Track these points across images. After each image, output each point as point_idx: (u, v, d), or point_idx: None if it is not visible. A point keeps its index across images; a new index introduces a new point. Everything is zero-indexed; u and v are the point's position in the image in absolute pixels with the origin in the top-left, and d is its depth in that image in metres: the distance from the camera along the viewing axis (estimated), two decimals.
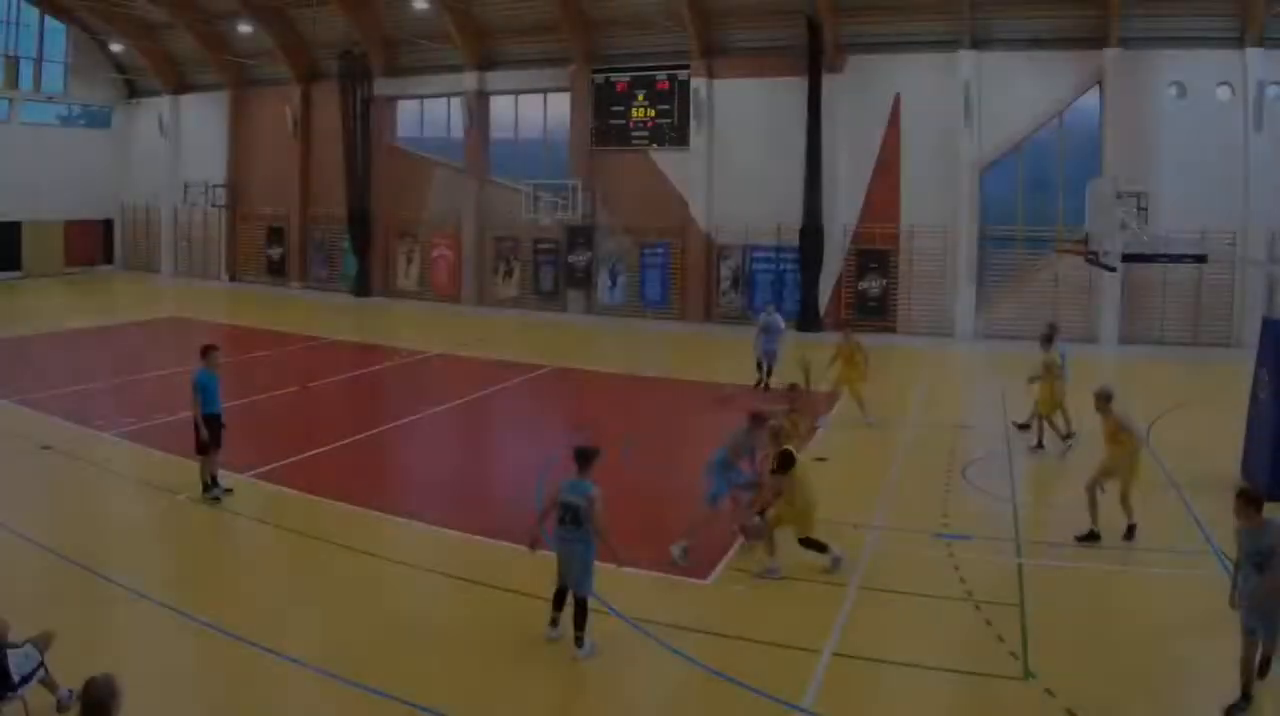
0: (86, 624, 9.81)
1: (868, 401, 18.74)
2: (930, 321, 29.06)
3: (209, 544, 12.68)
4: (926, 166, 28.97)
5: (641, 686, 9.18)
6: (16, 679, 7.90)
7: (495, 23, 35.18)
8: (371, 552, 12.13)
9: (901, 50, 29.28)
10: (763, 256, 31.35)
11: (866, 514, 13.38)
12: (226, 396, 14.68)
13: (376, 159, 38.75)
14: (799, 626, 9.97)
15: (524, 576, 10.79)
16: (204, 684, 9.07)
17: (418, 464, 17.19)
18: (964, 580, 11.12)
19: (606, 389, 23.17)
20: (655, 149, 33.18)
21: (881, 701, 8.92)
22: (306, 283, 41.33)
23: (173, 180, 45.11)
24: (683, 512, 12.89)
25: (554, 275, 35.33)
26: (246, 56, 41.76)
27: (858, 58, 29.71)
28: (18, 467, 15.81)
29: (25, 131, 43.74)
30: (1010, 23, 27.75)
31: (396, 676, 8.88)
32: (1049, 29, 27.39)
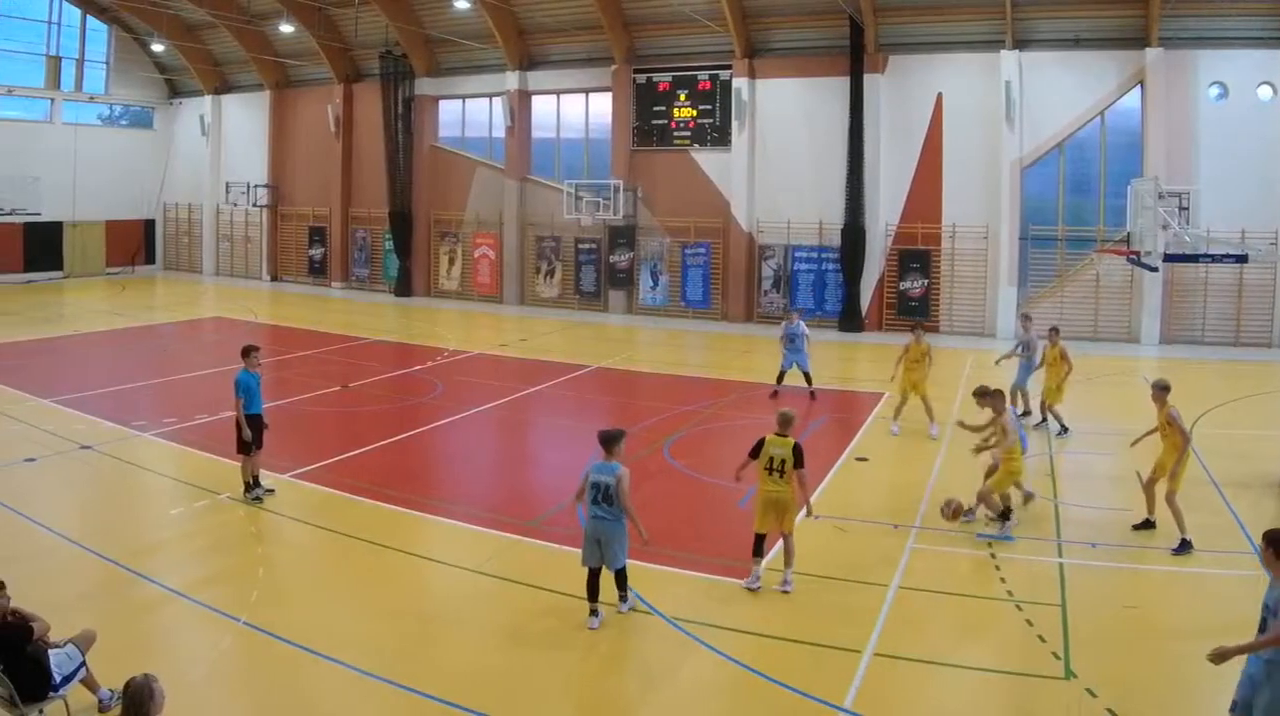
0: (127, 624, 10.33)
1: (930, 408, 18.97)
2: (971, 321, 30.44)
3: (249, 543, 13.01)
4: (968, 166, 30.41)
5: (682, 686, 9.43)
6: (58, 679, 8.23)
7: (537, 22, 37.00)
8: (411, 552, 12.73)
9: (943, 50, 30.71)
10: (804, 256, 32.86)
11: (908, 514, 14.00)
12: (268, 396, 15.91)
13: (418, 159, 40.77)
14: (840, 626, 10.34)
15: (563, 576, 11.38)
16: (244, 683, 9.46)
17: (458, 464, 17.70)
18: (1005, 580, 11.57)
19: (648, 389, 24.13)
20: (697, 149, 34.84)
21: (923, 702, 9.11)
22: (348, 283, 43.48)
23: (214, 180, 47.66)
24: (725, 512, 13.92)
25: (595, 275, 37.07)
26: (288, 57, 44.01)
27: (899, 58, 31.13)
28: (58, 467, 16.32)
29: (67, 131, 46.05)
30: (1052, 22, 29.07)
31: (436, 675, 9.29)
32: (1090, 29, 28.67)
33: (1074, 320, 29.03)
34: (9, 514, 13.72)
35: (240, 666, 9.69)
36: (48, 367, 25.13)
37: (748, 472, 11.79)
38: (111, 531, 13.25)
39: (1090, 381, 23.67)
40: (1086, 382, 23.40)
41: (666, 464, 16.76)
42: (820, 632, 10.22)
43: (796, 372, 22.30)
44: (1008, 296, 29.89)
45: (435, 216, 40.82)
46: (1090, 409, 21.13)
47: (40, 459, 16.59)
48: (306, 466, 16.09)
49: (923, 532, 13.21)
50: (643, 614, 10.61)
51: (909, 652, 9.78)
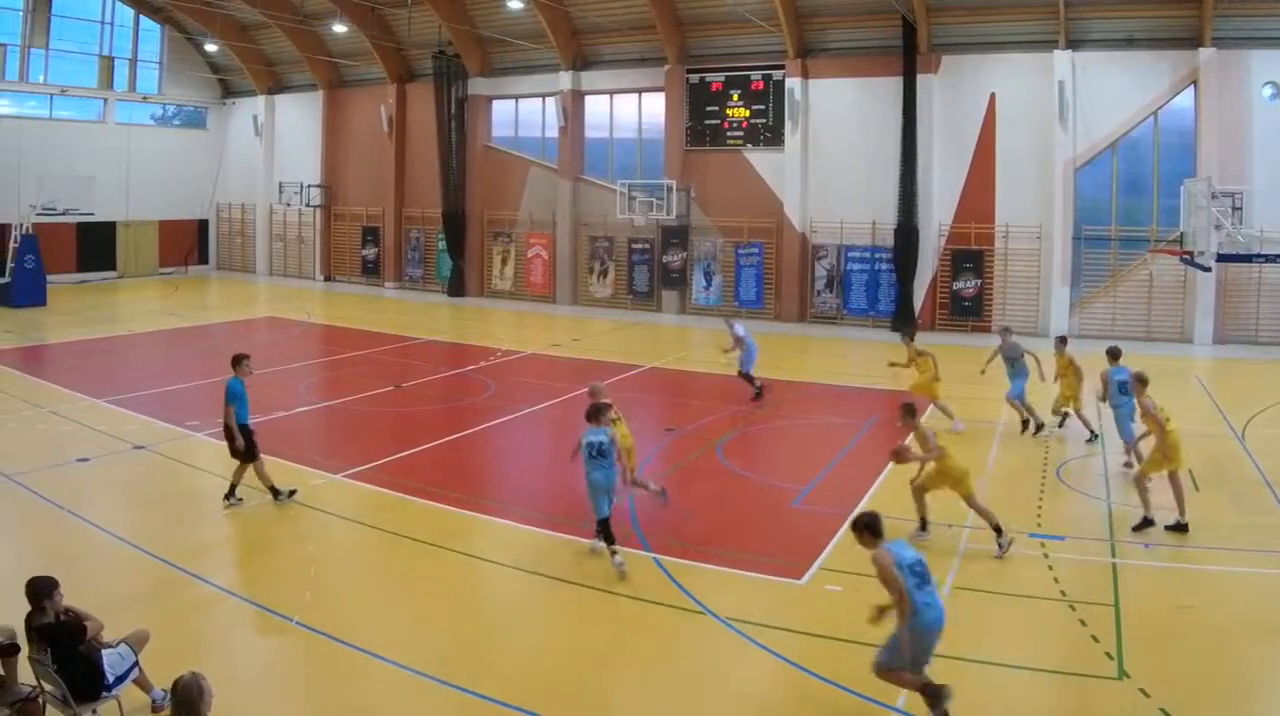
0: (180, 623, 10.89)
1: (950, 406, 20.34)
2: (1024, 321, 31.98)
3: (301, 543, 13.53)
4: (1021, 166, 32.22)
5: (735, 685, 9.90)
6: (111, 679, 8.61)
7: (590, 22, 39.33)
8: (464, 552, 13.39)
9: (996, 50, 32.53)
10: (858, 256, 34.83)
11: (960, 514, 14.37)
12: (322, 395, 17.83)
13: (471, 159, 43.40)
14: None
15: (614, 575, 12.23)
16: (297, 683, 10.00)
17: (511, 464, 18.52)
18: (1058, 580, 12.08)
19: (701, 389, 25.28)
20: (750, 149, 36.97)
21: (975, 702, 9.38)
22: (401, 283, 46.14)
23: (267, 180, 50.74)
24: (778, 513, 14.93)
25: (648, 275, 39.35)
26: (341, 56, 46.79)
27: (952, 58, 32.98)
28: (112, 468, 17.10)
29: (120, 132, 49.24)
30: (1105, 22, 30.77)
31: (489, 676, 9.81)
32: (1143, 28, 30.32)
33: (1127, 320, 30.79)
34: (63, 514, 14.57)
35: (293, 666, 10.27)
36: (101, 368, 26.60)
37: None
38: (164, 531, 13.99)
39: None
40: None
41: (719, 464, 17.77)
42: (874, 632, 10.22)
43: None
44: (1061, 297, 31.61)
45: (489, 216, 43.39)
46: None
47: (94, 459, 17.44)
48: (359, 466, 17.05)
49: (976, 533, 13.76)
50: (696, 614, 11.25)
51: (962, 653, 10.15)
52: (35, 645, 8.51)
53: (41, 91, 46.27)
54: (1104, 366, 18.05)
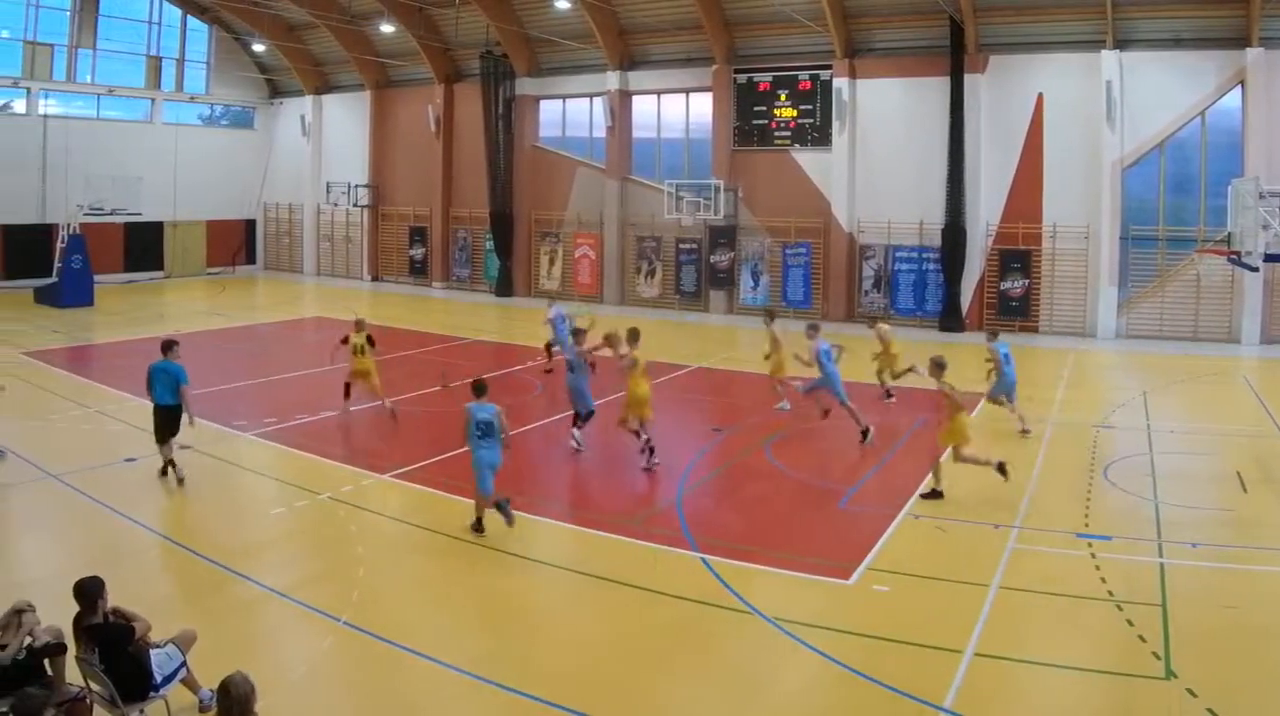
0: (228, 623, 11.28)
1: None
2: (1072, 321, 33.62)
3: (349, 543, 14.03)
4: (1068, 166, 33.75)
5: (783, 686, 10.18)
6: (159, 679, 8.91)
7: (637, 22, 41.30)
8: (511, 552, 13.82)
9: (1043, 50, 34.07)
10: (905, 256, 36.49)
11: (1008, 514, 15.19)
12: (370, 396, 19.41)
13: (518, 159, 45.52)
14: (940, 626, 11.22)
15: (664, 576, 12.71)
16: (345, 683, 10.35)
17: (559, 464, 19.00)
18: (1105, 580, 12.47)
19: (749, 388, 25.92)
20: (797, 149, 38.75)
21: (1023, 702, 9.85)
22: (448, 283, 48.34)
23: (315, 180, 53.26)
24: (826, 512, 15.59)
25: (696, 275, 41.22)
26: (388, 56, 49.14)
27: (1000, 58, 34.54)
28: (158, 468, 17.34)
29: (167, 132, 51.73)
30: (1152, 22, 32.24)
31: (536, 675, 10.20)
32: (1190, 29, 31.72)
33: (1174, 320, 32.28)
34: (110, 514, 15.14)
35: (341, 666, 10.61)
36: (145, 367, 27.85)
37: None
38: (212, 531, 14.56)
39: (1192, 381, 26.55)
40: (1188, 383, 26.37)
41: (768, 464, 18.46)
42: (921, 632, 11.06)
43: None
44: (1108, 297, 33.10)
45: (536, 216, 45.52)
46: (1191, 409, 23.72)
47: (140, 459, 17.94)
48: (407, 466, 17.74)
49: (1023, 532, 14.37)
50: (743, 614, 11.68)
51: (1009, 652, 10.64)
52: (83, 645, 8.84)
53: (89, 91, 48.56)
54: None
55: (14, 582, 11.43)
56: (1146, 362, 29.24)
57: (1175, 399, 24.46)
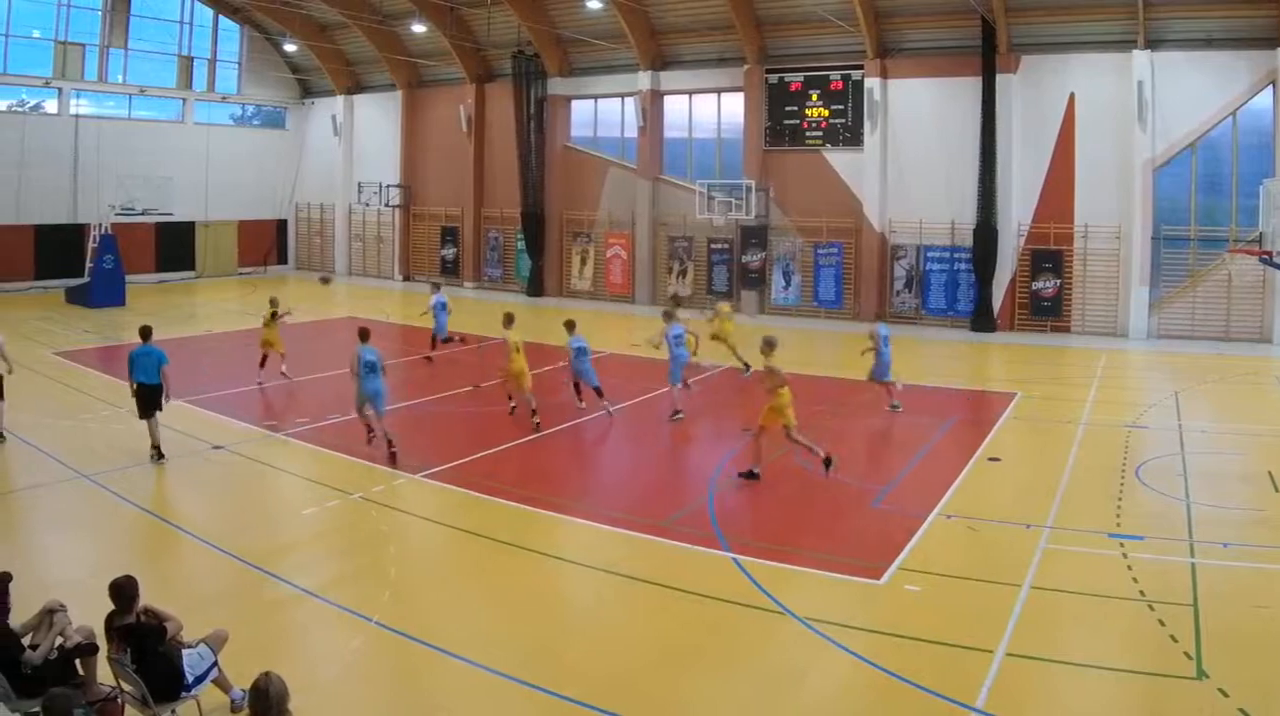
0: (259, 623, 11.55)
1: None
2: (1103, 321, 34.54)
3: (381, 543, 14.39)
4: (1100, 166, 34.69)
5: (815, 686, 10.46)
6: (190, 679, 9.08)
7: (669, 22, 42.54)
8: (543, 552, 14.21)
9: (1075, 50, 35.01)
10: (936, 256, 37.52)
11: (1040, 513, 15.53)
12: (401, 396, 20.53)
13: (550, 159, 46.86)
14: (972, 626, 11.47)
15: (696, 576, 13.03)
16: (376, 683, 10.53)
17: (590, 464, 19.67)
18: (1137, 580, 12.71)
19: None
20: (829, 149, 39.82)
21: (1054, 702, 10.03)
22: (480, 283, 49.58)
23: (346, 180, 54.75)
24: (857, 512, 16.05)
25: (727, 275, 42.35)
26: (420, 56, 50.59)
27: (1031, 57, 35.49)
28: (190, 468, 18.19)
29: (199, 132, 53.33)
30: (1184, 22, 33.11)
31: (569, 676, 10.42)
32: (1222, 29, 32.60)
33: (1206, 320, 33.21)
34: (142, 514, 15.55)
35: (373, 666, 10.84)
36: (179, 368, 26.53)
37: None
38: (244, 531, 14.82)
39: (1223, 382, 27.22)
40: (1219, 383, 27.07)
41: (798, 464, 18.62)
42: (952, 632, 11.31)
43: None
44: (1140, 297, 34.03)
45: (567, 216, 46.85)
46: (1222, 409, 24.30)
47: (172, 459, 18.42)
48: (438, 466, 18.15)
49: (1055, 532, 14.67)
50: (775, 614, 11.94)
51: (1041, 652, 10.85)
52: (115, 645, 9.02)
53: (121, 91, 50.05)
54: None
55: (46, 582, 11.60)
56: (1178, 362, 29.88)
57: (1206, 399, 25.07)
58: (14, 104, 46.88)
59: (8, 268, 45.17)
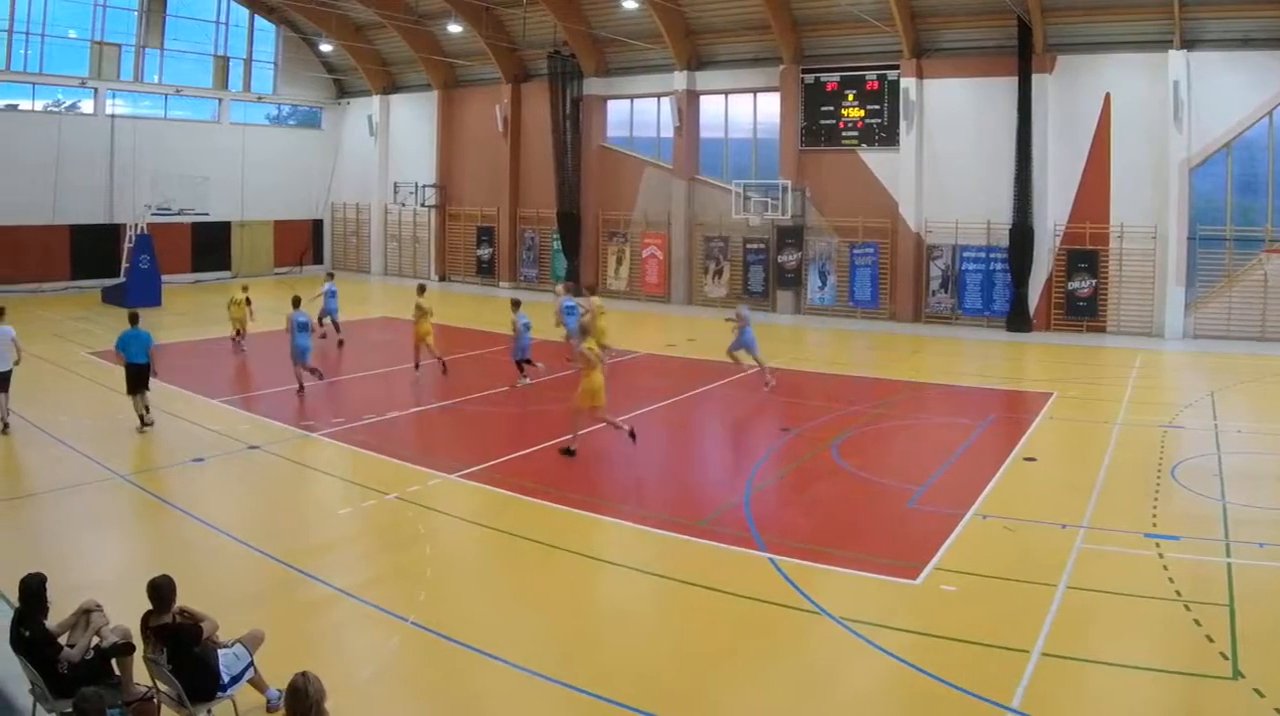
0: (295, 623, 11.77)
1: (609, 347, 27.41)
2: (1139, 322, 35.47)
3: (416, 543, 14.68)
4: (1136, 166, 35.60)
5: (851, 686, 10.67)
6: (226, 679, 9.27)
7: (705, 22, 43.77)
8: (579, 552, 14.47)
9: (1111, 50, 35.95)
10: (972, 256, 38.53)
11: (1075, 514, 15.78)
12: (437, 396, 22.24)
13: (586, 159, 48.28)
14: (1007, 626, 11.67)
15: (732, 576, 13.27)
16: (412, 683, 10.75)
17: (625, 464, 19.61)
18: (1173, 580, 12.92)
19: (816, 388, 27.13)
20: (865, 149, 40.94)
21: (1090, 701, 10.17)
22: (516, 283, 51.09)
23: (382, 180, 56.41)
24: (893, 513, 16.30)
25: (763, 275, 43.60)
26: (456, 56, 52.09)
27: (1067, 57, 36.48)
28: (226, 467, 18.56)
29: (234, 132, 54.86)
30: (1220, 22, 33.98)
31: (604, 676, 10.60)
32: (1259, 28, 33.48)
33: (1242, 320, 34.16)
34: (177, 514, 15.83)
35: (408, 666, 11.04)
36: (215, 367, 29.16)
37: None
38: (279, 531, 15.19)
39: (1260, 381, 27.86)
40: (1255, 382, 27.73)
41: (834, 464, 19.21)
42: (988, 633, 11.51)
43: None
44: (1176, 297, 34.92)
45: (603, 216, 48.28)
46: (1258, 409, 24.83)
47: (208, 459, 18.94)
48: (474, 466, 18.49)
49: (1091, 533, 14.92)
50: (811, 614, 12.17)
51: (1077, 652, 11.02)
52: (151, 645, 9.22)
53: (156, 91, 51.60)
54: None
55: (82, 583, 11.78)
56: (1214, 362, 30.57)
57: (1243, 399, 25.57)
58: (50, 104, 48.17)
59: (44, 268, 46.36)
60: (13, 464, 19.19)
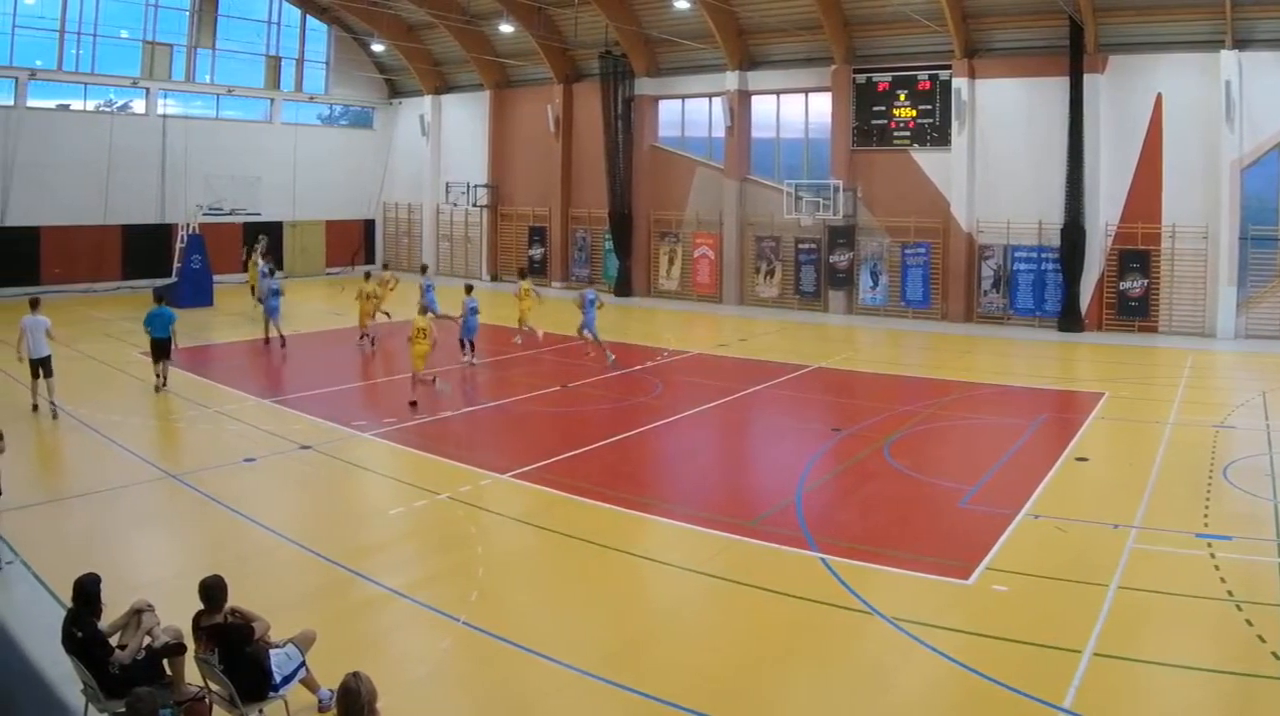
0: (347, 623, 12.06)
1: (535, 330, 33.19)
2: (1191, 321, 36.71)
3: (468, 543, 15.03)
4: (1187, 166, 36.82)
5: (903, 686, 10.89)
6: (278, 679, 9.46)
7: (757, 22, 45.35)
8: (631, 552, 14.84)
9: (1163, 50, 37.19)
10: (1024, 256, 39.92)
11: (1127, 514, 16.16)
12: (489, 395, 23.91)
13: (638, 159, 50.09)
14: (1059, 626, 11.92)
15: (784, 577, 13.63)
16: (464, 682, 11.06)
17: (678, 464, 20.39)
18: (1224, 580, 13.19)
19: (868, 389, 28.18)
20: (916, 149, 42.44)
21: (1141, 702, 10.40)
22: (567, 283, 52.90)
23: (434, 180, 58.53)
24: (945, 512, 16.73)
25: (815, 275, 45.17)
26: (507, 56, 53.97)
27: (1119, 58, 37.79)
28: (278, 468, 19.08)
29: (286, 132, 57.02)
30: (1272, 22, 35.18)
31: (656, 675, 10.88)
32: None
33: None
34: (229, 514, 16.23)
35: (460, 666, 11.34)
36: (266, 368, 30.55)
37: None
38: (331, 531, 15.62)
39: None
40: None
41: (886, 464, 19.70)
42: (1040, 632, 11.79)
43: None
44: (1227, 296, 36.14)
45: (655, 216, 50.04)
46: None
47: (260, 459, 19.53)
48: (526, 466, 19.01)
49: (1142, 533, 15.26)
50: (862, 614, 12.49)
51: (1128, 652, 11.29)
52: (202, 645, 9.51)
53: (208, 91, 53.67)
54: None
55: (134, 582, 12.13)
56: (1266, 362, 31.25)
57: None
58: (102, 104, 50.03)
59: (96, 268, 48.12)
60: (65, 463, 20.10)
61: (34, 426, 22.15)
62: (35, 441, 21.33)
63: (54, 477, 19.18)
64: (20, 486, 16.77)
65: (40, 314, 23.13)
